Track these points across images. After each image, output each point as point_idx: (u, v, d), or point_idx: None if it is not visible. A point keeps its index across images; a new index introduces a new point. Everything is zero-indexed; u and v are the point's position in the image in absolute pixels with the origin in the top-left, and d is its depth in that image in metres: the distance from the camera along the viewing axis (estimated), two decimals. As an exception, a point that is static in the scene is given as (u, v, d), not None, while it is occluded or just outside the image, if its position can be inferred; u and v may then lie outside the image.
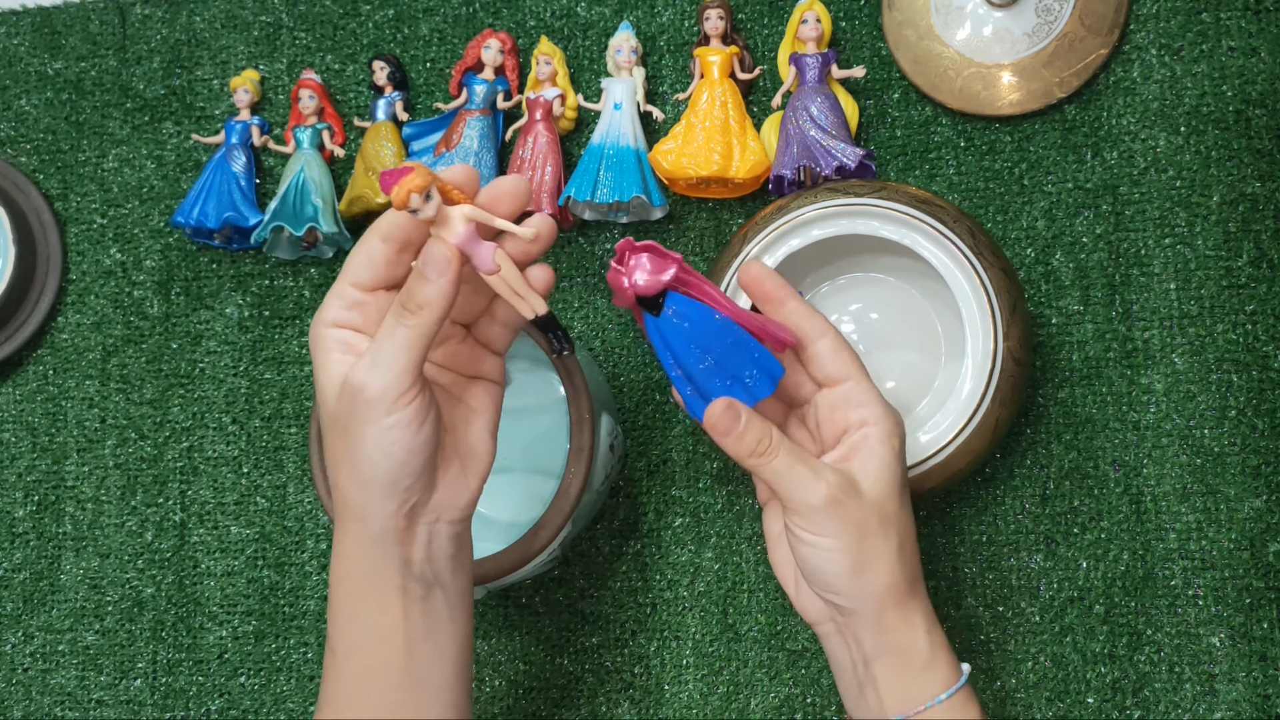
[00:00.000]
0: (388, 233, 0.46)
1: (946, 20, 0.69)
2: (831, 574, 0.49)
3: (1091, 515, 0.65)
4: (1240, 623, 0.62)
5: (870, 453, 0.49)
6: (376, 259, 0.46)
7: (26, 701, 0.75)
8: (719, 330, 0.48)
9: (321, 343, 0.46)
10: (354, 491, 0.46)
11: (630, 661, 0.68)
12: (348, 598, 0.48)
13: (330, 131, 0.75)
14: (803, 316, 0.51)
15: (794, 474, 0.48)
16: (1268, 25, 0.66)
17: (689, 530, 0.69)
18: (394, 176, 0.42)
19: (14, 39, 0.82)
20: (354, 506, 0.46)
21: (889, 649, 0.49)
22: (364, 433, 0.44)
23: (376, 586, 0.47)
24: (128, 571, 0.75)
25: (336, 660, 0.48)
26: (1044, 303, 0.67)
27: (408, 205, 0.42)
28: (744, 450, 0.48)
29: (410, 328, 0.44)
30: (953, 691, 0.49)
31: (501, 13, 0.76)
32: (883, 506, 0.49)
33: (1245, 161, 0.65)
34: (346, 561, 0.47)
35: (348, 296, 0.47)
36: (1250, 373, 0.64)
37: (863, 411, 0.50)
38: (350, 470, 0.45)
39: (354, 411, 0.44)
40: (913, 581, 0.50)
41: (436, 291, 0.44)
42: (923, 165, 0.69)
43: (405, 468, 0.45)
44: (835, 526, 0.48)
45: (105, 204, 0.79)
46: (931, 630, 0.50)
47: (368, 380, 0.44)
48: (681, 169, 0.67)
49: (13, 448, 0.78)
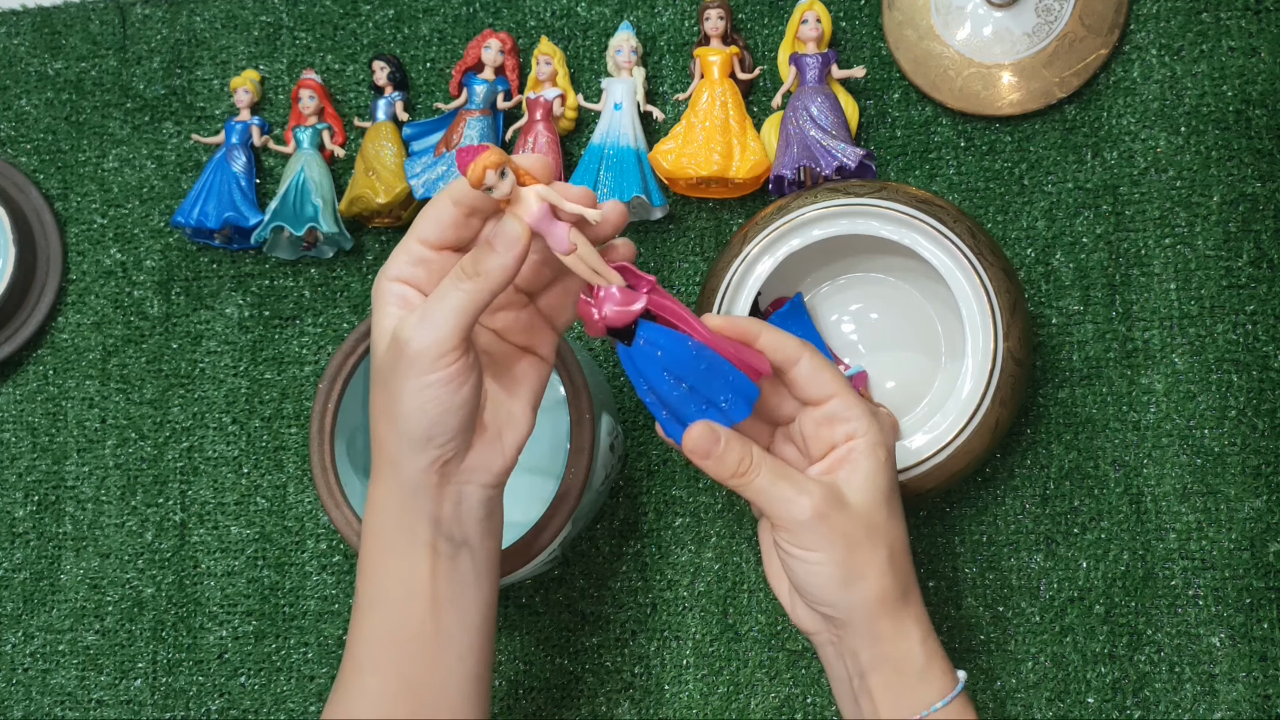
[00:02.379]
0: (459, 196, 0.46)
1: (946, 20, 0.69)
2: (821, 587, 0.48)
3: (1091, 515, 0.65)
4: (1240, 623, 0.62)
5: (855, 465, 0.49)
6: (445, 219, 0.47)
7: (26, 701, 0.75)
8: (693, 357, 0.47)
9: (381, 295, 0.47)
10: (391, 441, 0.47)
11: (630, 661, 0.68)
12: (378, 550, 0.49)
13: (330, 131, 0.75)
14: (777, 343, 0.50)
15: (777, 490, 0.48)
16: (1268, 25, 0.66)
17: (689, 530, 0.69)
18: (470, 154, 0.43)
19: (14, 39, 0.82)
20: (390, 455, 0.47)
21: (883, 659, 0.49)
22: (404, 386, 0.45)
23: (407, 540, 0.48)
24: (128, 571, 0.75)
25: (362, 615, 0.49)
26: (1044, 303, 0.67)
27: (483, 182, 0.43)
28: (725, 471, 0.48)
29: (464, 292, 0.45)
30: (948, 700, 0.49)
31: (501, 13, 0.76)
32: (870, 517, 0.48)
33: (1245, 161, 0.65)
34: (379, 513, 0.48)
35: (414, 253, 0.47)
36: (1250, 373, 0.64)
37: (848, 426, 0.50)
38: (388, 420, 0.47)
39: (397, 364, 0.45)
40: (905, 590, 0.49)
41: (499, 264, 0.45)
42: (923, 165, 0.69)
43: (440, 425, 0.46)
44: (822, 540, 0.47)
45: (105, 204, 0.79)
46: (926, 639, 0.50)
47: (414, 336, 0.45)
48: (681, 169, 0.67)
49: (13, 448, 0.78)
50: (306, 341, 0.75)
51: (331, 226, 0.72)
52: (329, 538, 0.73)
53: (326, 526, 0.73)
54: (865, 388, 0.66)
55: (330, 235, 0.73)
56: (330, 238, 0.74)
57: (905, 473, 0.60)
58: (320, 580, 0.72)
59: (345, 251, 0.75)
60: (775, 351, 0.50)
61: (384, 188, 0.71)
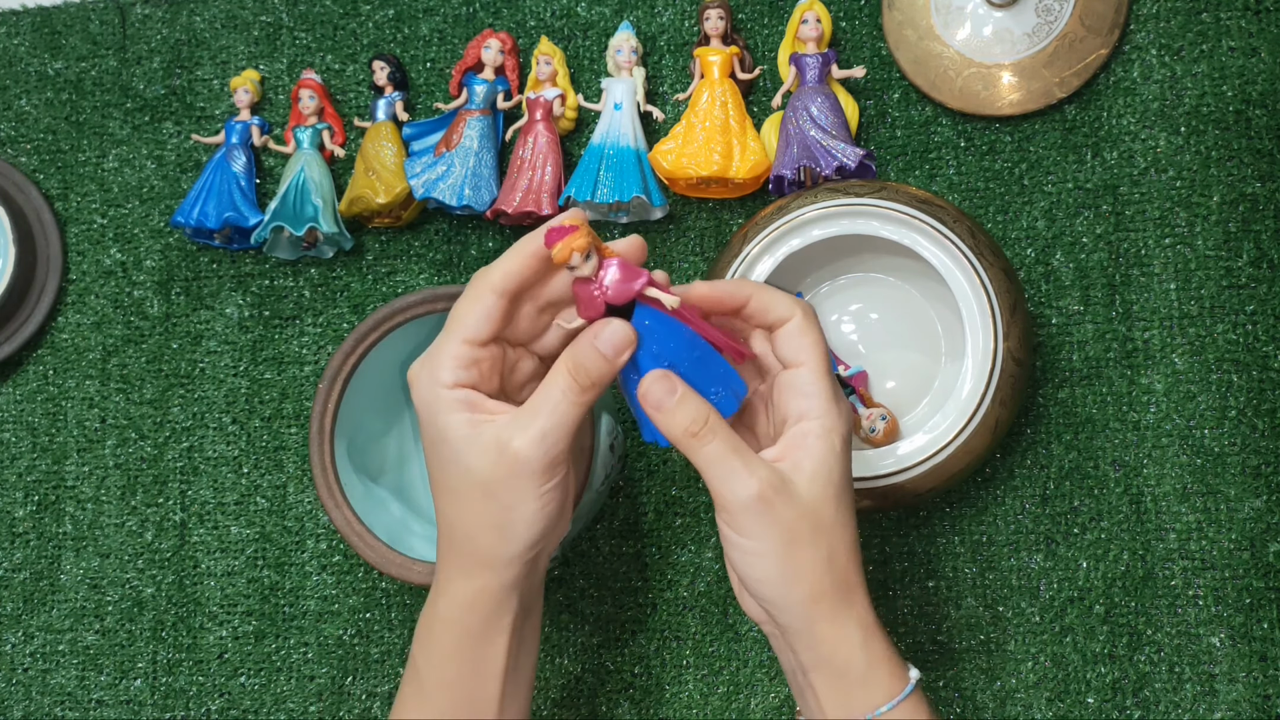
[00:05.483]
0: (502, 285, 0.45)
1: (946, 20, 0.69)
2: (758, 580, 0.46)
3: (1091, 515, 0.65)
4: (1240, 623, 0.62)
5: (808, 450, 0.46)
6: (494, 314, 0.46)
7: (26, 701, 0.75)
8: (687, 344, 0.46)
9: (443, 404, 0.46)
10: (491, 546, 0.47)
11: (630, 661, 0.68)
12: (456, 638, 0.48)
13: (330, 131, 0.75)
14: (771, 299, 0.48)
15: (726, 464, 0.45)
16: (1268, 25, 0.66)
17: (689, 530, 0.69)
18: (559, 234, 0.43)
19: (14, 39, 0.82)
20: (485, 558, 0.47)
21: (822, 662, 0.47)
22: (523, 499, 0.45)
23: (494, 628, 0.48)
24: (128, 571, 0.75)
25: (425, 694, 0.49)
26: (1044, 303, 0.67)
27: (568, 263, 0.43)
28: (677, 428, 0.46)
29: (577, 405, 0.45)
30: (895, 704, 0.47)
31: (501, 13, 0.76)
32: (817, 512, 0.46)
33: (1245, 161, 0.65)
34: (463, 608, 0.48)
35: (464, 356, 0.46)
36: (1250, 373, 0.64)
37: (807, 402, 0.47)
38: (495, 530, 0.46)
39: (512, 479, 0.45)
40: (846, 592, 0.47)
41: (611, 371, 0.45)
42: (923, 165, 0.69)
43: (552, 523, 0.47)
44: (761, 529, 0.45)
45: (105, 204, 0.79)
46: (868, 642, 0.47)
47: (534, 455, 0.45)
48: (681, 169, 0.67)
49: (13, 448, 0.78)
50: (306, 341, 0.75)
51: (331, 226, 0.72)
52: (329, 538, 0.73)
53: (326, 526, 0.73)
54: (865, 388, 0.66)
55: (330, 235, 0.73)
56: (330, 238, 0.74)
57: (905, 473, 0.60)
58: (320, 580, 0.72)
59: (345, 251, 0.75)
60: (766, 312, 0.48)
61: (384, 188, 0.71)
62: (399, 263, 0.75)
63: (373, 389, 0.66)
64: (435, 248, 0.74)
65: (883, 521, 0.67)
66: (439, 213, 0.75)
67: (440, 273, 0.74)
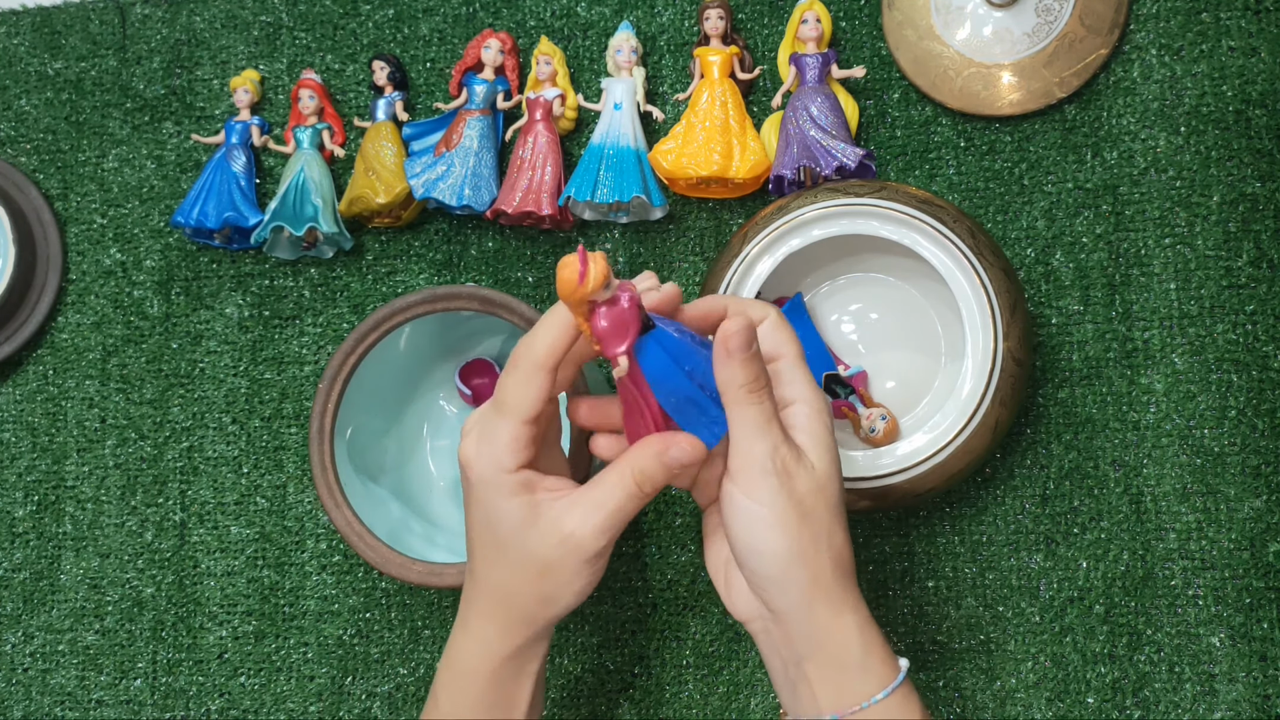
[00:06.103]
0: (550, 362, 0.47)
1: (946, 20, 0.69)
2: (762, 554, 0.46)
3: (1091, 515, 0.65)
4: (1240, 623, 0.62)
5: (811, 432, 0.48)
6: (543, 391, 0.47)
7: (26, 701, 0.75)
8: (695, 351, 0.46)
9: (505, 489, 0.48)
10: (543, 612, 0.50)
11: (630, 661, 0.68)
12: (487, 684, 0.51)
13: (330, 131, 0.75)
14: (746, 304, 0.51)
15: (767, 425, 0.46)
16: (1268, 25, 0.66)
17: (689, 530, 0.69)
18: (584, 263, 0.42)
19: (14, 39, 0.82)
20: (530, 618, 0.50)
21: (820, 648, 0.47)
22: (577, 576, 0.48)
23: (525, 674, 0.51)
24: (128, 571, 0.75)
25: None
26: (1044, 303, 0.67)
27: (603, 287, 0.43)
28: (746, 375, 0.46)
29: (635, 501, 0.48)
30: (888, 691, 0.47)
31: (501, 13, 0.76)
32: (826, 487, 0.47)
33: (1245, 161, 0.65)
34: (499, 660, 0.51)
35: (521, 437, 0.47)
36: (1250, 373, 0.64)
37: (794, 388, 0.49)
38: (546, 599, 0.49)
39: (569, 560, 0.48)
40: (844, 576, 0.48)
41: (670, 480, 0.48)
42: (923, 165, 0.69)
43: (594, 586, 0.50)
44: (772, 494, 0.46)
45: (105, 204, 0.79)
46: (864, 628, 0.48)
47: (595, 545, 0.47)
48: (681, 169, 0.67)
49: (13, 448, 0.78)
50: (306, 341, 0.75)
51: (331, 226, 0.72)
52: (329, 538, 0.73)
53: (326, 526, 0.73)
54: (865, 388, 0.66)
55: (330, 235, 0.73)
56: (330, 238, 0.74)
57: (905, 472, 0.60)
58: (320, 580, 0.72)
59: (345, 251, 0.75)
60: (744, 310, 0.50)
61: (384, 188, 0.71)
62: (399, 263, 0.75)
63: (373, 389, 0.66)
64: (435, 248, 0.74)
65: (883, 521, 0.67)
66: (439, 213, 0.75)
67: (440, 273, 0.74)
